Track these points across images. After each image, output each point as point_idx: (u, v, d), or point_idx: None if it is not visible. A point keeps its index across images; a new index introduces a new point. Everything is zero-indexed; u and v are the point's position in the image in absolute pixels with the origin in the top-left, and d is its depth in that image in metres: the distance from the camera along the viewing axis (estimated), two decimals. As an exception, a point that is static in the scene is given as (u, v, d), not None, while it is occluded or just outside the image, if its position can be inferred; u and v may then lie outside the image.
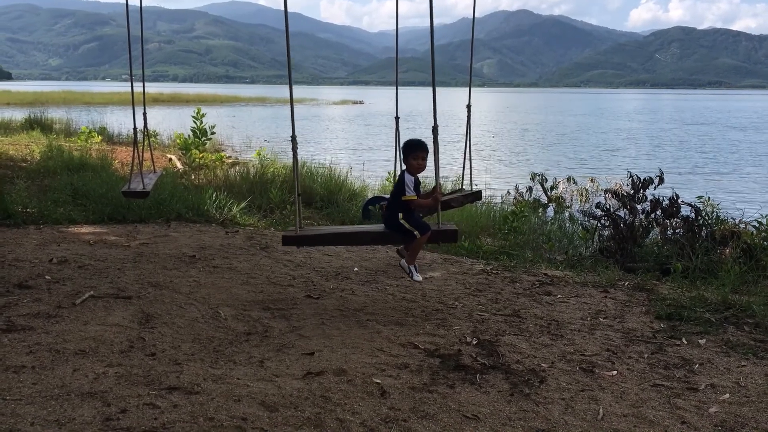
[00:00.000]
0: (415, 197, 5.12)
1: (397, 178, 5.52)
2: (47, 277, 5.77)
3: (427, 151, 5.16)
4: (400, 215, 5.20)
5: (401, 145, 5.28)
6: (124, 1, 7.15)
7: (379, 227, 5.49)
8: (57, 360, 3.96)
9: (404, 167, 5.21)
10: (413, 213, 5.23)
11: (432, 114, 5.09)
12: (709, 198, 8.80)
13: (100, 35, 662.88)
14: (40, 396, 3.46)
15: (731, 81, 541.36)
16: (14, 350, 4.08)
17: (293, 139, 5.02)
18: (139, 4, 7.50)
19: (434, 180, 5.26)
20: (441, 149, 5.14)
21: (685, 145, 32.25)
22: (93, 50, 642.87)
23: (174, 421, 3.28)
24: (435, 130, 5.09)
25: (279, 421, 3.36)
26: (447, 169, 18.89)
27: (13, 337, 4.29)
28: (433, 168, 5.18)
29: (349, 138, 32.75)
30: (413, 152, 5.12)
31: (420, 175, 5.31)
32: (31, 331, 4.43)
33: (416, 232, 5.16)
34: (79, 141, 17.79)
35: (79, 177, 10.53)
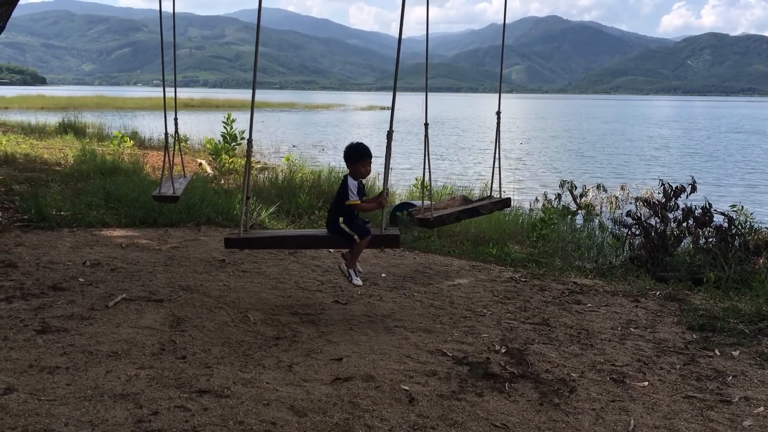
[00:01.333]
0: (359, 201, 5.09)
1: (427, 184, 5.51)
2: (80, 279, 5.87)
3: (366, 158, 5.15)
4: (341, 219, 5.18)
5: (345, 148, 5.25)
6: (157, 8, 7.25)
7: (322, 231, 5.51)
8: (90, 361, 4.02)
9: (348, 172, 5.17)
10: (355, 218, 5.21)
11: (390, 119, 5.07)
12: (742, 207, 8.67)
13: (132, 41, 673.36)
14: (73, 397, 3.52)
15: (765, 88, 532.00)
16: (49, 351, 4.15)
17: (249, 142, 5.11)
18: (171, 11, 7.61)
19: (382, 184, 5.26)
20: (470, 156, 5.13)
21: (717, 153, 31.79)
22: (125, 56, 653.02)
23: (204, 424, 3.31)
24: (389, 135, 5.13)
25: (308, 426, 3.37)
26: (476, 175, 18.84)
27: (47, 338, 4.37)
28: (382, 172, 5.19)
29: (375, 144, 32.81)
30: (362, 159, 5.10)
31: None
32: (65, 332, 4.51)
33: (356, 236, 5.15)
34: (111, 145, 18.06)
35: (111, 181, 10.69)
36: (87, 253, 6.92)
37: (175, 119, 7.59)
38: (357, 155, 5.11)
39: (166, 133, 7.56)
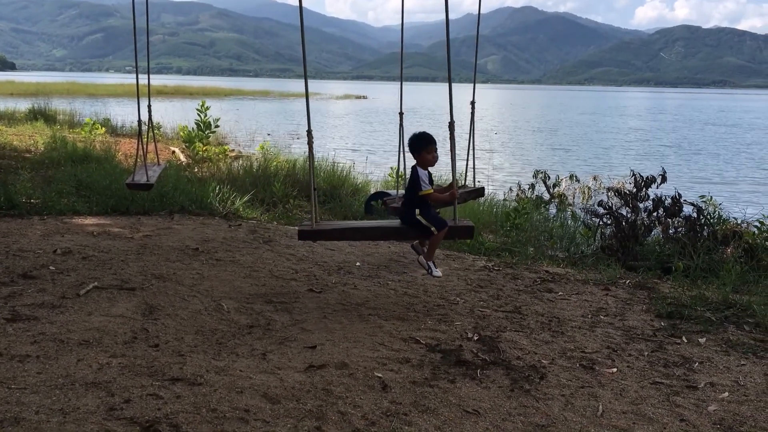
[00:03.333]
0: (432, 191, 5.10)
1: (402, 173, 5.52)
2: (51, 267, 5.81)
3: (432, 144, 5.14)
4: (417, 211, 5.18)
5: (408, 139, 5.24)
6: (130, -7, 7.16)
7: (394, 223, 5.46)
8: (61, 350, 3.99)
9: (414, 162, 5.15)
10: (429, 208, 5.21)
11: (449, 110, 5.10)
12: (711, 197, 8.82)
13: (104, 27, 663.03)
14: (44, 385, 3.49)
15: (736, 80, 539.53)
16: (19, 340, 4.11)
17: (309, 133, 5.01)
18: (144, -4, 7.52)
19: (450, 175, 5.25)
20: (445, 145, 5.13)
21: (688, 145, 32.23)
22: (97, 41, 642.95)
23: (177, 411, 3.31)
24: (452, 126, 5.08)
25: (281, 413, 3.39)
26: (450, 165, 18.92)
27: (17, 327, 4.33)
28: (450, 163, 5.17)
29: (351, 133, 32.75)
30: (427, 146, 5.07)
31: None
32: (36, 321, 4.47)
33: (433, 228, 5.16)
34: (82, 132, 17.81)
35: (82, 168, 10.56)
36: (58, 241, 6.84)
37: (149, 106, 7.51)
38: (421, 143, 5.07)
39: (140, 120, 7.48)
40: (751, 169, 23.17)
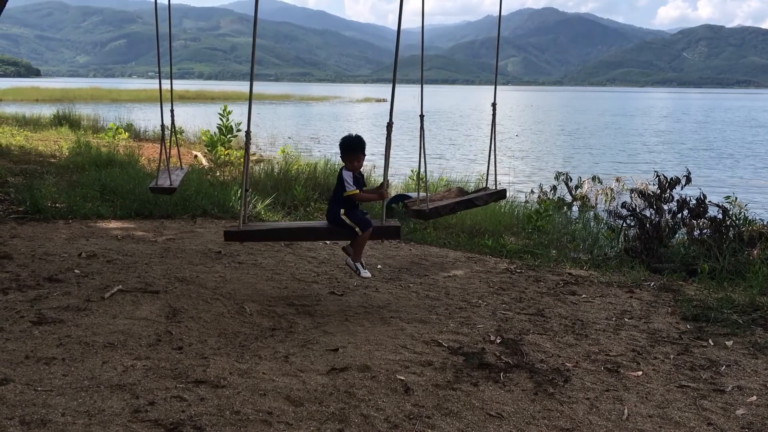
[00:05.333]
0: (357, 191, 5.11)
1: (423, 176, 5.52)
2: (76, 271, 5.87)
3: (361, 150, 5.17)
4: (342, 211, 5.19)
5: (342, 139, 5.25)
6: (153, -1, 7.22)
7: (322, 223, 5.50)
8: (86, 352, 4.03)
9: (343, 165, 5.20)
10: (356, 209, 5.21)
11: (390, 110, 5.08)
12: (736, 198, 8.70)
13: (127, 33, 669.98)
14: (70, 387, 3.53)
15: (760, 80, 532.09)
16: (45, 342, 4.16)
17: (247, 134, 5.10)
18: (167, 2, 7.59)
19: (383, 176, 5.27)
20: (466, 148, 5.12)
21: (713, 144, 31.84)
22: (120, 48, 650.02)
23: (201, 413, 3.32)
24: (389, 126, 5.13)
25: (304, 416, 3.39)
26: (471, 167, 18.85)
27: (43, 330, 4.38)
28: (383, 164, 5.19)
29: (371, 136, 32.78)
30: (351, 154, 5.12)
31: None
32: (61, 323, 4.51)
33: (357, 229, 5.16)
34: (106, 137, 18.03)
35: (106, 173, 10.68)
36: (83, 244, 6.92)
37: (171, 111, 7.58)
38: (346, 149, 5.15)
39: (163, 125, 7.55)
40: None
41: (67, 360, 3.90)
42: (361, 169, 5.32)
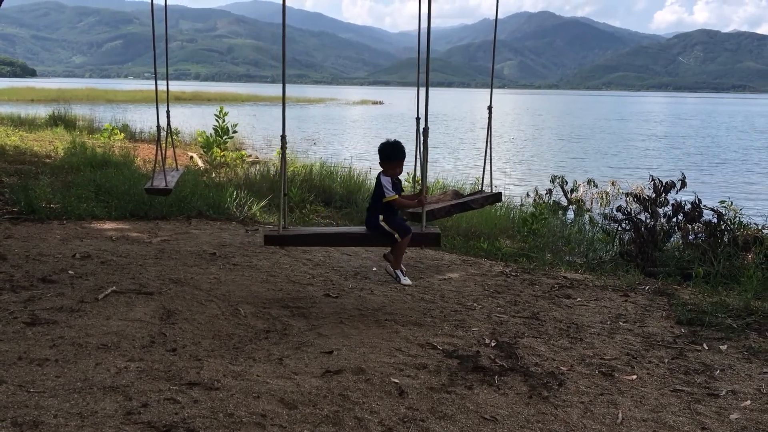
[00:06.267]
0: (396, 197, 5.09)
1: (419, 179, 5.51)
2: (70, 271, 5.85)
3: (404, 158, 5.16)
4: (381, 217, 5.17)
5: (381, 145, 5.23)
6: (149, 0, 7.21)
7: (361, 229, 5.48)
8: (80, 354, 4.01)
9: (381, 170, 5.19)
10: (395, 215, 5.19)
11: (425, 115, 5.07)
12: (731, 203, 8.72)
13: (123, 33, 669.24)
14: (63, 389, 3.51)
15: (755, 85, 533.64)
16: (38, 343, 4.14)
17: (282, 138, 5.04)
18: (163, 3, 7.57)
19: (422, 182, 5.24)
20: (461, 150, 5.12)
21: (709, 149, 31.92)
22: (116, 48, 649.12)
23: (194, 416, 3.31)
24: (425, 132, 5.06)
25: (298, 419, 3.38)
26: (467, 170, 18.87)
27: (36, 331, 4.36)
28: (420, 171, 5.16)
29: (368, 138, 32.78)
30: (397, 161, 5.12)
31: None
32: (55, 324, 4.49)
33: (396, 235, 5.14)
34: (102, 138, 17.98)
35: (102, 174, 10.64)
36: (77, 245, 6.89)
37: (167, 112, 7.55)
38: (388, 157, 5.12)
39: (158, 126, 7.52)
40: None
41: (60, 361, 3.88)
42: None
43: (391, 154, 5.13)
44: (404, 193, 5.35)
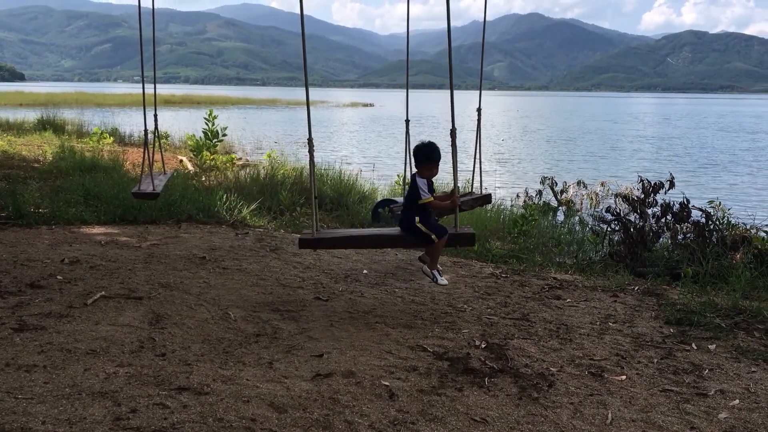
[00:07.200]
0: (432, 199, 5.13)
1: (408, 181, 5.52)
2: (59, 277, 5.82)
3: (440, 159, 5.17)
4: (417, 219, 5.19)
5: (413, 149, 5.27)
6: (137, 3, 7.20)
7: (395, 230, 5.47)
8: (68, 359, 3.99)
9: (415, 171, 5.21)
10: (430, 216, 5.22)
11: (451, 117, 5.08)
12: (720, 203, 8.76)
13: (112, 37, 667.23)
14: (51, 395, 3.49)
15: (743, 85, 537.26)
16: (26, 349, 4.11)
17: (310, 141, 5.01)
18: (151, 6, 7.55)
19: (452, 183, 5.25)
20: (446, 152, 5.12)
21: (691, 149, 32.10)
22: (105, 52, 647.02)
23: (183, 421, 3.30)
24: (453, 133, 5.07)
25: (288, 423, 3.37)
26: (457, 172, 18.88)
27: (25, 337, 4.33)
28: (452, 171, 5.16)
29: (358, 141, 32.77)
30: (434, 163, 5.15)
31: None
32: (43, 330, 4.47)
33: (433, 236, 5.16)
34: (90, 142, 17.90)
35: (90, 178, 10.60)
36: (65, 250, 6.86)
37: (155, 115, 7.54)
38: (426, 159, 5.14)
39: (146, 130, 7.51)
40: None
41: (48, 367, 3.86)
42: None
43: (430, 155, 5.15)
44: (436, 194, 5.35)
